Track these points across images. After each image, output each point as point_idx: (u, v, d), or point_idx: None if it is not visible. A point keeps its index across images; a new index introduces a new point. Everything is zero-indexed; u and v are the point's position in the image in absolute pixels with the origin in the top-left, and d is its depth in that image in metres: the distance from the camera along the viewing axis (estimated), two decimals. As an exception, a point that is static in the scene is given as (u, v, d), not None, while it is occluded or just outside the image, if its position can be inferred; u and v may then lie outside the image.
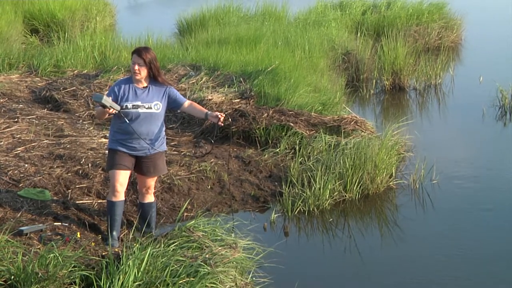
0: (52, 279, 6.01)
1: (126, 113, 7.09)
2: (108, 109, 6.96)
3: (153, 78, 7.19)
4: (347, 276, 7.50)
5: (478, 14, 21.74)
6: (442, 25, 19.05)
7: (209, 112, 7.33)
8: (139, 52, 7.09)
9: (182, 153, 9.87)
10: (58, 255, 6.23)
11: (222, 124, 7.36)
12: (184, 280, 6.24)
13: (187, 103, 7.39)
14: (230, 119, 9.44)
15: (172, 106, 7.41)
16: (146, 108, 7.13)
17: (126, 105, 7.09)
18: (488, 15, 22.39)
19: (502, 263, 7.59)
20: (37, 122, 10.53)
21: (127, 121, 7.07)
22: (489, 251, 7.84)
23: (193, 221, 7.57)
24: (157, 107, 7.18)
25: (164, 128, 7.42)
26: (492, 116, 12.66)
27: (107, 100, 6.93)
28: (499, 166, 10.29)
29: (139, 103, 7.11)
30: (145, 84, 7.19)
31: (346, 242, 8.21)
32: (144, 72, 7.09)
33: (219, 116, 7.20)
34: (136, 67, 7.07)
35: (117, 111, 7.03)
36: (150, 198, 7.63)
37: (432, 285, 7.22)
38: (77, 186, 8.41)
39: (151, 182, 7.53)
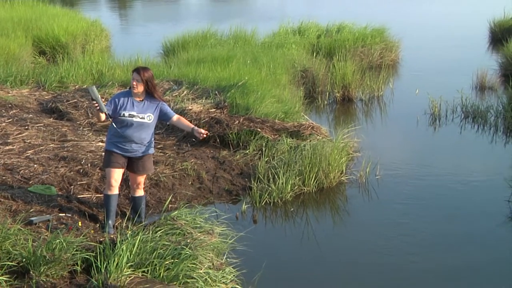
0: (57, 261, 6.00)
1: (122, 120, 7.09)
2: (94, 103, 6.92)
3: (149, 94, 7.18)
4: (306, 257, 7.52)
5: (413, 37, 21.92)
6: (383, 46, 19.09)
7: (196, 128, 7.27)
8: (138, 70, 7.11)
9: (167, 154, 9.83)
10: (63, 241, 6.20)
11: (202, 138, 7.34)
12: (169, 261, 6.23)
13: (175, 117, 7.36)
14: (211, 135, 9.36)
15: (163, 118, 7.38)
16: (140, 118, 7.12)
17: (123, 113, 7.09)
18: (421, 38, 22.57)
19: (436, 246, 7.67)
20: (44, 129, 10.43)
21: (115, 126, 7.09)
22: (424, 236, 7.93)
23: (177, 212, 7.56)
24: (149, 118, 7.16)
25: (153, 135, 7.39)
26: (425, 123, 12.76)
27: (94, 93, 6.89)
28: (431, 163, 10.38)
29: (134, 113, 7.10)
30: (142, 98, 7.18)
31: (304, 228, 8.24)
32: (140, 87, 7.09)
33: (203, 133, 7.18)
34: (134, 82, 7.07)
35: (102, 111, 6.97)
36: (140, 192, 7.62)
37: (376, 265, 7.28)
38: (78, 182, 8.36)
39: (141, 179, 7.52)
